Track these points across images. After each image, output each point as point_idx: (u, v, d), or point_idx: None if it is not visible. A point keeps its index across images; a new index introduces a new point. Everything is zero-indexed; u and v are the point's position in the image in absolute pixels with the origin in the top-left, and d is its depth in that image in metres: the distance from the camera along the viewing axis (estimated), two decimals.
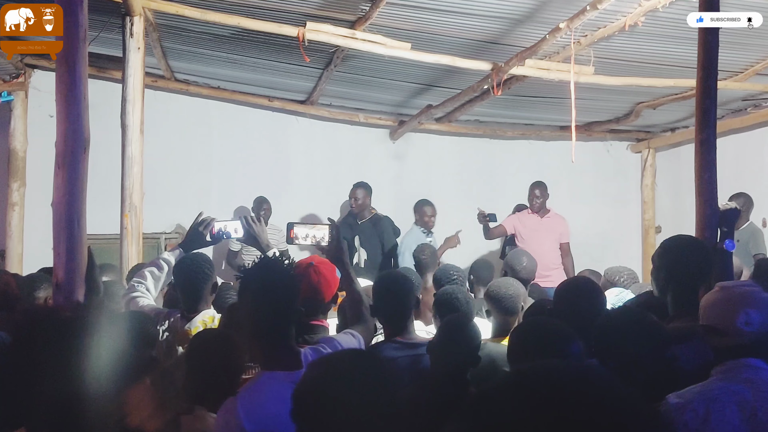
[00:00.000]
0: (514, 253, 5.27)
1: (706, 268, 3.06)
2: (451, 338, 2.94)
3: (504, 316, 3.88)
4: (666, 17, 5.12)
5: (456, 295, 3.76)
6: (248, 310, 2.57)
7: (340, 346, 2.72)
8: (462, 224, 8.70)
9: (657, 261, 3.13)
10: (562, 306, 2.93)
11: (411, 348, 3.23)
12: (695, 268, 3.03)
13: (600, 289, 3.09)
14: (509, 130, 9.01)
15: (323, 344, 2.70)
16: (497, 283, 4.20)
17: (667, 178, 9.10)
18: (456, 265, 4.97)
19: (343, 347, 2.72)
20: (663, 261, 3.09)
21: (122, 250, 5.19)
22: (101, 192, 5.43)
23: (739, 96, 7.23)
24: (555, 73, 6.05)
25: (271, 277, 2.55)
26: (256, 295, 2.53)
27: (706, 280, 3.01)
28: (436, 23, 5.54)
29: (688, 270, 3.02)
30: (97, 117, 5.73)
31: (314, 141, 8.56)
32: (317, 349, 2.65)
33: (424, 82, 7.10)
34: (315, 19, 5.54)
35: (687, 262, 3.04)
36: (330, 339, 2.77)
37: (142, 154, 5.25)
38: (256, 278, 2.56)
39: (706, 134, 3.48)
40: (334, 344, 2.72)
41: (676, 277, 3.02)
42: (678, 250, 3.10)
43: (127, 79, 5.26)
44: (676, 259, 3.05)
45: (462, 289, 3.94)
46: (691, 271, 3.02)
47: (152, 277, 3.72)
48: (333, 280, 3.32)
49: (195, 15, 5.40)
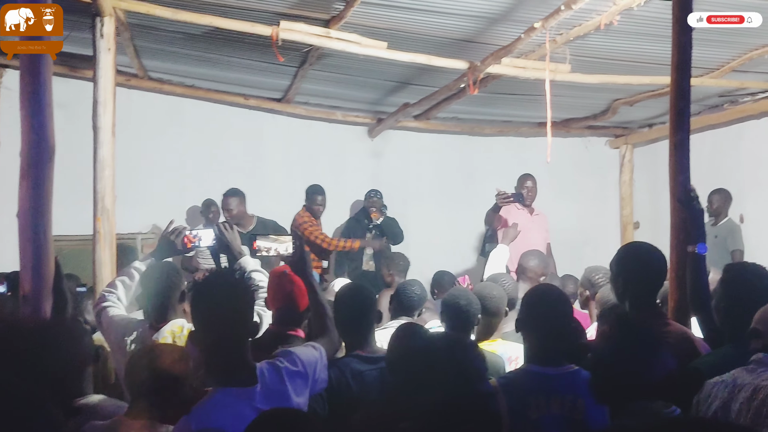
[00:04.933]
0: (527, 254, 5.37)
1: (662, 274, 3.16)
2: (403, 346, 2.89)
3: (488, 318, 3.87)
4: (641, 15, 5.11)
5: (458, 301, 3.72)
6: (200, 325, 2.52)
7: (299, 359, 2.67)
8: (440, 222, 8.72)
9: (614, 268, 3.20)
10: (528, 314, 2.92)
11: (374, 362, 3.16)
12: (652, 274, 3.12)
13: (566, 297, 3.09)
14: (487, 127, 8.98)
15: (280, 358, 2.64)
16: (481, 285, 4.20)
17: (645, 174, 9.11)
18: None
19: (302, 360, 2.68)
20: (620, 268, 3.17)
21: (95, 254, 5.10)
22: (73, 192, 5.35)
23: (716, 92, 7.24)
24: (531, 72, 6.03)
25: (224, 290, 2.49)
26: (208, 308, 2.48)
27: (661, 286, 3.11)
28: (412, 22, 5.49)
29: (644, 277, 3.10)
30: (70, 116, 5.76)
31: (291, 139, 8.49)
32: (274, 363, 2.60)
33: (401, 80, 7.05)
34: (289, 18, 5.48)
35: (643, 269, 3.11)
36: (288, 352, 2.71)
37: (113, 157, 5.16)
38: (207, 291, 2.50)
39: (681, 137, 3.48)
40: (292, 357, 2.66)
41: (633, 284, 3.10)
42: (634, 257, 3.18)
43: (98, 81, 5.16)
44: (633, 267, 3.12)
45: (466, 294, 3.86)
46: (648, 277, 3.11)
47: (123, 287, 3.67)
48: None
49: (167, 15, 5.32)
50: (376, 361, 3.16)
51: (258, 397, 2.47)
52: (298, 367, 2.65)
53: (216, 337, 2.45)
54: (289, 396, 2.57)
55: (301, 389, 2.64)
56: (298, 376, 2.63)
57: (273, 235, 3.44)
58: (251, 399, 2.44)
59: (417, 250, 8.17)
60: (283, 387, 2.56)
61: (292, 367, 2.63)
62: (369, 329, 3.33)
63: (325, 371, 2.82)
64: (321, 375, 2.78)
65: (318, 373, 2.76)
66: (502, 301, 3.90)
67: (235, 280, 2.53)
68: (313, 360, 2.74)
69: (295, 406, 2.58)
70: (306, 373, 2.67)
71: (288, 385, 2.58)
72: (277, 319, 3.40)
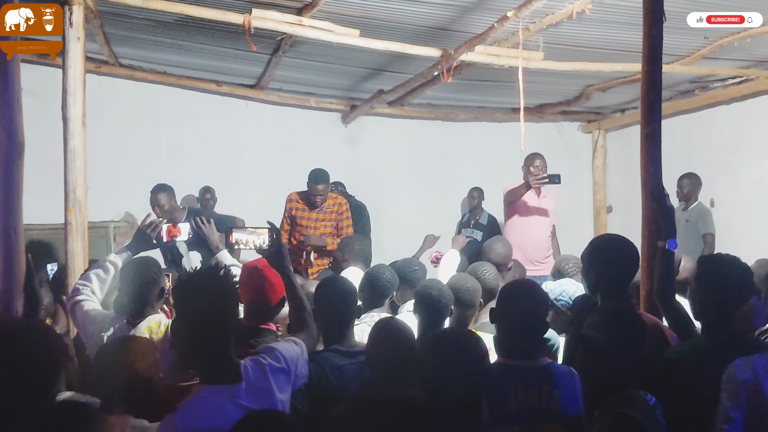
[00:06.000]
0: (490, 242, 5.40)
1: (633, 266, 3.21)
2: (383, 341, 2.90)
3: (462, 309, 3.88)
4: (613, 3, 5.15)
5: (430, 291, 3.71)
6: (185, 322, 2.51)
7: (281, 355, 2.67)
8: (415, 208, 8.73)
9: (586, 261, 3.24)
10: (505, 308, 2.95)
11: (353, 356, 3.16)
12: (624, 266, 3.18)
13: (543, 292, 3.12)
14: (462, 113, 8.99)
15: (264, 354, 2.65)
16: (456, 276, 4.20)
17: (618, 158, 9.18)
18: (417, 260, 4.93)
19: (285, 356, 2.68)
20: (592, 261, 3.21)
21: (67, 246, 5.06)
22: (45, 180, 5.30)
23: (687, 78, 7.29)
24: (504, 59, 6.03)
25: (208, 287, 2.48)
26: (193, 306, 2.47)
27: (633, 278, 3.22)
28: (385, 10, 5.46)
29: (616, 269, 3.15)
30: (40, 104, 5.67)
31: (265, 126, 8.44)
32: (257, 360, 2.60)
33: (375, 67, 7.03)
34: (261, 6, 5.44)
35: (615, 261, 3.16)
36: (271, 348, 2.71)
37: (84, 147, 5.10)
38: (192, 288, 2.49)
39: (652, 128, 3.50)
40: (275, 354, 2.67)
41: (605, 277, 3.15)
42: (606, 249, 3.23)
43: (67, 71, 5.09)
44: (605, 259, 3.16)
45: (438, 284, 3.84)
46: (620, 269, 3.17)
47: (98, 280, 3.65)
48: (279, 284, 3.27)
49: (137, 3, 5.26)
50: (355, 356, 3.15)
51: (243, 394, 2.47)
52: (281, 363, 2.66)
53: (201, 334, 2.45)
54: (273, 392, 2.58)
55: (284, 385, 2.65)
56: (281, 372, 2.64)
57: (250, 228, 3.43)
58: (236, 396, 2.45)
59: (392, 236, 8.20)
60: (267, 384, 2.57)
61: (275, 363, 2.63)
62: (349, 323, 3.32)
63: (305, 367, 2.83)
64: (302, 371, 2.79)
65: (299, 368, 2.77)
66: (477, 293, 3.90)
67: (220, 277, 2.51)
68: (294, 356, 2.75)
69: (278, 402, 2.59)
70: (288, 369, 2.68)
71: (272, 381, 2.58)
72: (248, 313, 3.40)
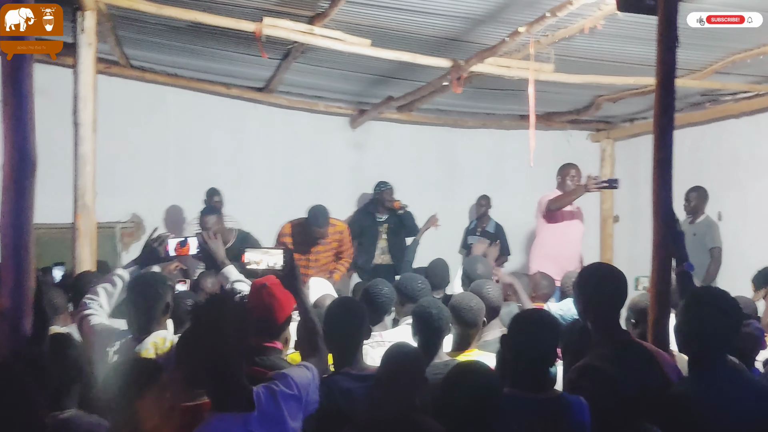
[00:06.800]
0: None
1: (621, 294, 3.22)
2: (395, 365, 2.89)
3: (465, 329, 3.85)
4: (626, 19, 5.09)
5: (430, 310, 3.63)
6: (199, 348, 2.51)
7: (293, 382, 2.68)
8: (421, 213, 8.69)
9: (577, 290, 3.27)
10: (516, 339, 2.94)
11: (363, 380, 3.13)
12: (613, 294, 3.20)
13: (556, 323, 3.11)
14: (470, 119, 8.97)
15: (276, 381, 2.65)
16: (460, 295, 4.16)
17: (626, 168, 9.13)
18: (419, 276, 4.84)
19: (297, 383, 2.69)
20: (582, 290, 3.24)
21: (75, 251, 5.08)
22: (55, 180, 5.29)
23: (698, 91, 7.28)
24: (515, 71, 6.03)
25: (225, 315, 2.48)
26: (208, 333, 2.47)
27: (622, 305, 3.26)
28: (396, 21, 5.47)
29: (606, 298, 3.17)
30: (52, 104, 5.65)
31: (273, 129, 8.43)
32: (270, 387, 2.60)
33: (385, 74, 7.02)
34: (273, 14, 5.43)
35: (604, 290, 3.19)
36: (284, 375, 2.71)
37: (94, 153, 5.13)
38: (208, 315, 2.49)
39: (664, 154, 3.47)
40: (288, 380, 2.67)
41: (595, 305, 3.17)
42: (596, 279, 3.25)
43: (78, 75, 5.12)
44: (594, 289, 3.19)
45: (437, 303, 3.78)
46: (610, 298, 3.19)
47: (105, 294, 3.65)
48: (287, 302, 3.27)
49: (151, 10, 5.25)
50: (365, 379, 3.12)
51: (255, 422, 2.48)
52: (293, 390, 2.66)
53: (215, 361, 2.45)
54: (285, 420, 2.58)
55: (296, 412, 2.65)
56: (292, 399, 2.64)
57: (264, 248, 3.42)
58: (248, 424, 2.45)
59: None
60: (279, 411, 2.57)
61: (287, 390, 2.63)
62: (359, 346, 3.30)
63: (316, 392, 2.82)
64: (313, 396, 2.79)
65: (311, 394, 2.76)
66: (480, 312, 3.86)
67: (236, 304, 2.52)
68: (306, 382, 2.74)
69: (290, 430, 2.60)
70: (300, 396, 2.68)
71: (284, 408, 2.58)
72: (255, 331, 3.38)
